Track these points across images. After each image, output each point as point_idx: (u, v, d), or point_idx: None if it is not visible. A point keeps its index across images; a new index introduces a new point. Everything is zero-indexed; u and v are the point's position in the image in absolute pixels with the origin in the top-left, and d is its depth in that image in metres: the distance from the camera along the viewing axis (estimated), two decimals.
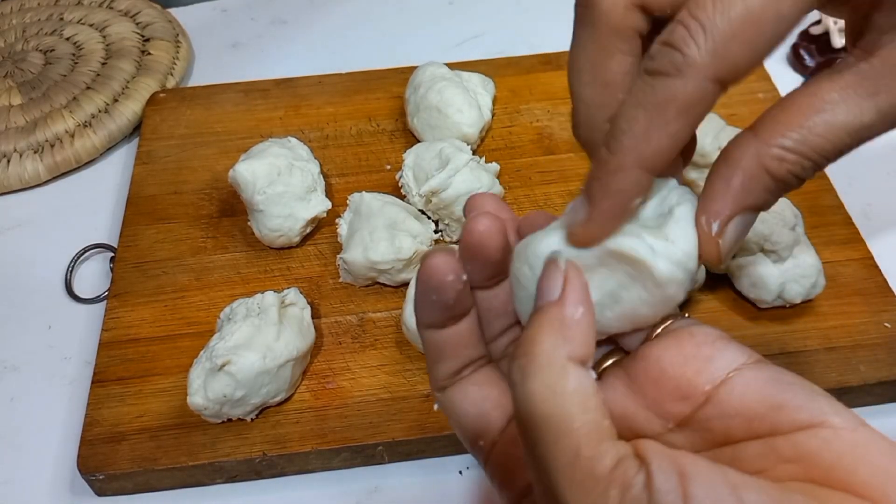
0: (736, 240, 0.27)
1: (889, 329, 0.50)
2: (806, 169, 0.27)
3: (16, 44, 0.73)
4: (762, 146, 0.26)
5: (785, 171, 0.26)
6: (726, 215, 0.27)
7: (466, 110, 0.58)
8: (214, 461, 0.45)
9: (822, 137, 0.26)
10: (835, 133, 0.26)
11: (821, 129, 0.26)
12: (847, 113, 0.26)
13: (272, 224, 0.53)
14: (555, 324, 0.25)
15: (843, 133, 0.26)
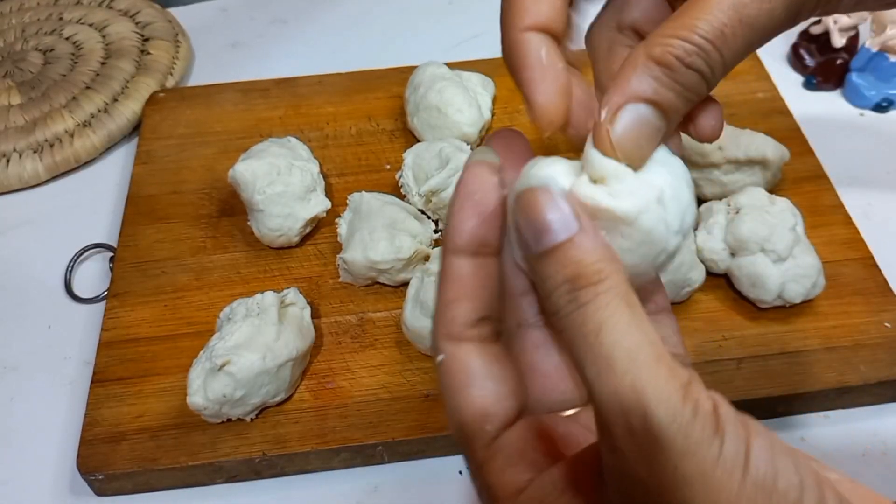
0: (630, 131, 0.27)
1: (889, 329, 0.50)
2: (689, 52, 0.26)
3: (15, 43, 0.73)
4: (649, 40, 0.27)
5: (668, 55, 0.26)
6: (615, 102, 0.27)
7: (466, 110, 0.58)
8: (214, 461, 0.45)
9: (701, 20, 0.26)
10: (713, 14, 0.26)
11: (698, 14, 0.26)
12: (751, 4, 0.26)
13: (272, 224, 0.53)
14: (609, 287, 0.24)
15: (718, 12, 0.26)
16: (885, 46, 0.64)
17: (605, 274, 0.24)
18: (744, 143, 0.54)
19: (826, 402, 0.48)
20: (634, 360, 0.22)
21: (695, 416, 0.21)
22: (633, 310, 0.23)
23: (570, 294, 0.24)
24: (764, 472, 0.21)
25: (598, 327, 0.23)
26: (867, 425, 0.48)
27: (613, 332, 0.23)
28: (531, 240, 0.25)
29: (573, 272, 0.24)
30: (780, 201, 0.51)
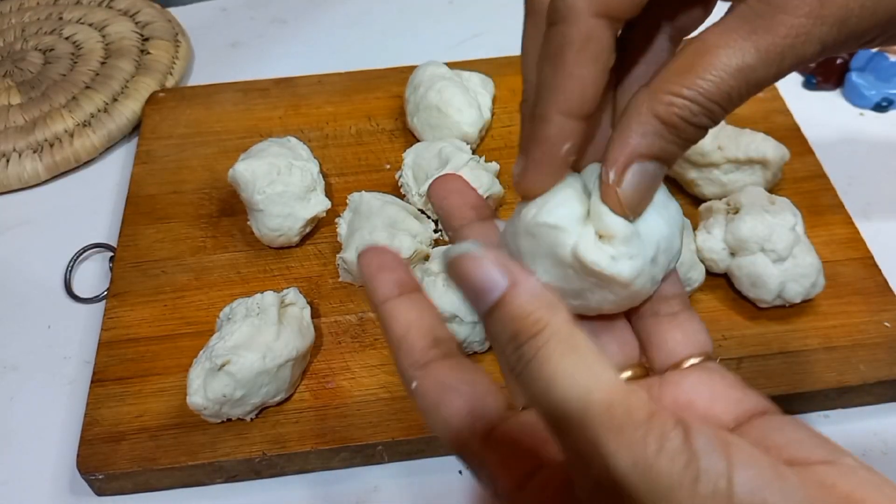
0: (636, 189, 0.28)
1: (889, 328, 0.50)
2: (696, 113, 0.27)
3: (15, 43, 0.73)
4: (652, 94, 0.27)
5: (673, 115, 0.27)
6: (621, 163, 0.28)
7: (466, 110, 0.58)
8: (214, 461, 0.45)
9: (707, 80, 0.27)
10: (718, 75, 0.27)
11: (704, 73, 0.27)
12: (729, 55, 0.27)
13: (272, 224, 0.53)
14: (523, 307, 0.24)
15: (725, 74, 0.27)
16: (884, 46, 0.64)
17: (542, 323, 0.23)
18: (744, 142, 0.54)
19: (826, 401, 0.48)
20: (587, 411, 0.22)
21: (659, 454, 0.21)
22: (577, 353, 0.23)
23: (517, 352, 0.23)
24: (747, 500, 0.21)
25: (546, 384, 0.23)
26: (867, 425, 0.48)
27: (561, 386, 0.22)
28: (474, 303, 0.25)
29: (513, 329, 0.24)
30: (779, 201, 0.51)
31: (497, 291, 0.24)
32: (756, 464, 0.21)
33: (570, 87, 0.28)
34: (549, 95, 0.28)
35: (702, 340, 0.31)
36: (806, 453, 0.24)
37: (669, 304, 0.31)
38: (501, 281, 0.24)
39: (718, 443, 0.21)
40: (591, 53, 0.27)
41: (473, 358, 0.49)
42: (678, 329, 0.31)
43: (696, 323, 0.31)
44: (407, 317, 0.29)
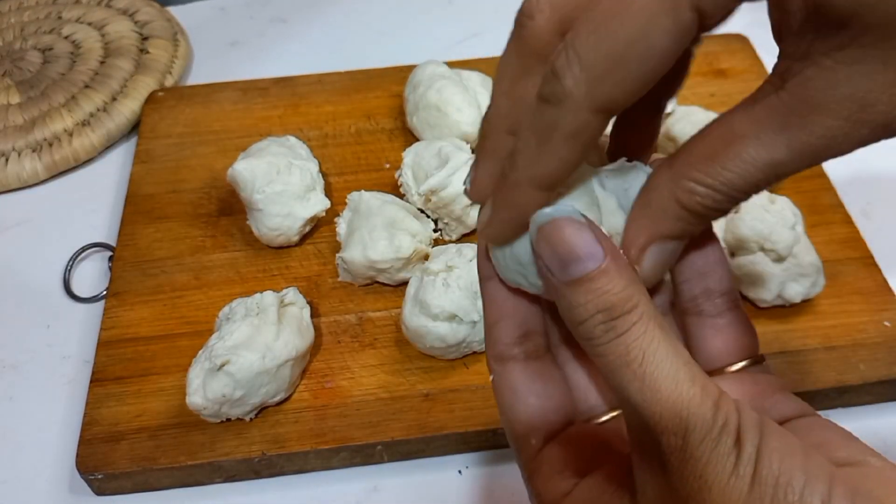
0: (655, 266, 0.28)
1: (889, 328, 0.50)
2: (718, 202, 0.26)
3: (14, 42, 0.73)
4: (675, 178, 0.27)
5: (696, 203, 0.26)
6: (641, 243, 0.28)
7: (466, 109, 0.58)
8: (213, 461, 0.45)
9: (733, 172, 0.26)
10: (745, 168, 0.26)
11: (731, 164, 0.26)
12: (758, 148, 0.25)
13: (271, 223, 0.53)
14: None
15: (752, 168, 0.26)
16: None
17: (635, 301, 0.25)
18: None
19: (826, 401, 0.48)
20: (676, 385, 0.24)
21: (722, 431, 0.23)
22: (666, 334, 0.25)
23: (606, 324, 0.25)
24: (767, 474, 0.23)
25: (640, 355, 0.24)
26: (867, 424, 0.48)
27: (654, 360, 0.24)
28: (557, 269, 0.25)
29: (606, 302, 0.25)
30: (779, 200, 0.51)
31: (595, 262, 0.25)
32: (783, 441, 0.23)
33: (551, 166, 0.27)
34: (527, 167, 0.27)
35: (747, 344, 0.31)
36: (834, 454, 0.25)
37: (715, 304, 0.31)
38: (599, 252, 0.25)
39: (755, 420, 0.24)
40: (581, 141, 0.26)
41: (473, 358, 0.49)
42: (721, 331, 0.31)
43: (741, 325, 0.31)
44: (502, 304, 0.30)
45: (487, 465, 0.47)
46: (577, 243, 0.25)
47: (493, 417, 0.46)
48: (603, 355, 0.25)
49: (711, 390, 0.24)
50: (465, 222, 0.54)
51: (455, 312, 0.46)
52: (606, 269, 0.25)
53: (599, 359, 0.25)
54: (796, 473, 0.23)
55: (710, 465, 0.23)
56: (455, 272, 0.47)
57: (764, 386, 0.28)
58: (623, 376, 0.24)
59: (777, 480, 0.22)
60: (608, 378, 0.25)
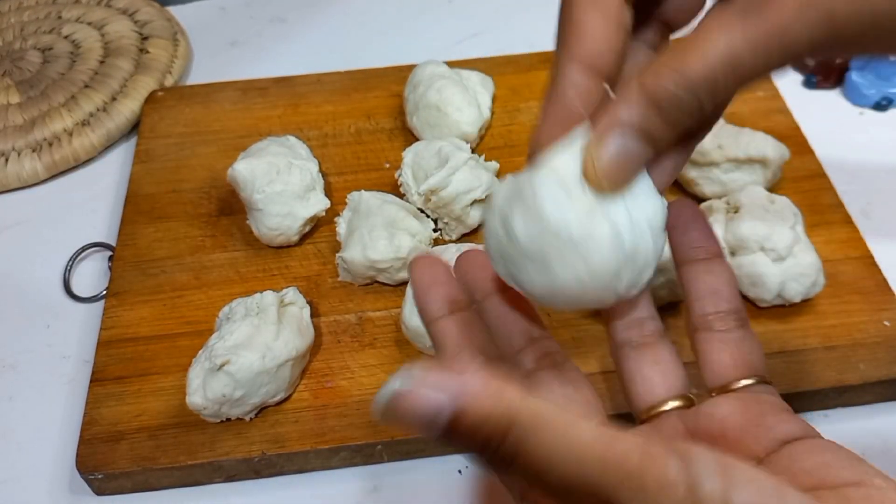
0: (613, 159, 0.28)
1: (888, 328, 0.50)
2: (680, 96, 0.27)
3: (14, 42, 0.73)
4: (644, 71, 0.28)
5: (658, 91, 0.27)
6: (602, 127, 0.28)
7: (466, 109, 0.58)
8: (213, 460, 0.45)
9: (694, 63, 0.27)
10: (705, 59, 0.27)
11: (691, 55, 0.27)
12: (718, 41, 0.27)
13: (271, 223, 0.53)
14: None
15: (713, 59, 0.26)
16: None
17: (506, 418, 0.22)
18: (743, 141, 0.54)
19: (826, 400, 0.48)
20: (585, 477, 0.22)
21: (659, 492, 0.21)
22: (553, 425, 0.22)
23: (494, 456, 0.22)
24: None
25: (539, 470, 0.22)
26: (867, 424, 0.48)
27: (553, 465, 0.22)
28: (429, 435, 0.23)
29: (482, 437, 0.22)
30: (779, 200, 0.51)
31: (445, 411, 0.22)
32: (755, 482, 0.21)
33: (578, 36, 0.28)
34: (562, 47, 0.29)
35: (753, 362, 0.31)
36: (835, 476, 0.24)
37: (725, 321, 0.31)
38: (443, 399, 0.22)
39: (717, 466, 0.21)
40: (600, 6, 0.28)
41: None
42: (729, 347, 0.31)
43: (748, 343, 0.31)
44: (458, 338, 0.30)
45: None
46: (417, 409, 0.22)
47: None
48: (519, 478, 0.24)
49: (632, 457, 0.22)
50: (464, 222, 0.54)
51: None
52: (460, 411, 0.22)
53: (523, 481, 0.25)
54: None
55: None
56: None
57: (767, 405, 0.28)
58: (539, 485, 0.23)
59: None
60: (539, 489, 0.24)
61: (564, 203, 0.28)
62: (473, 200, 0.53)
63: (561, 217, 0.28)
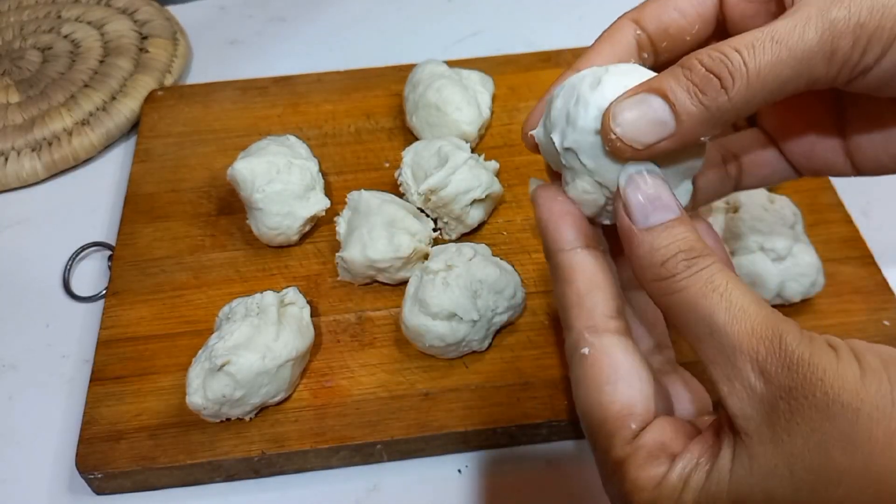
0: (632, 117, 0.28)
1: (888, 327, 0.50)
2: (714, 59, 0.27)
3: (13, 41, 0.73)
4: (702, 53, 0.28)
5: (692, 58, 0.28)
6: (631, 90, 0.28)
7: (465, 108, 0.58)
8: (213, 460, 0.45)
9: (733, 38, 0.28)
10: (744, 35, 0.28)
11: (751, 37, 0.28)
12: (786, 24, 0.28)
13: (271, 222, 0.53)
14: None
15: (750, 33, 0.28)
16: None
17: (709, 250, 0.28)
18: None
19: None
20: (762, 307, 0.26)
21: (812, 338, 0.26)
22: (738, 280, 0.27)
23: (689, 261, 0.27)
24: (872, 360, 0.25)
25: (724, 283, 0.27)
26: None
27: (738, 289, 0.27)
28: (640, 215, 0.28)
29: (687, 244, 0.27)
30: (779, 200, 0.51)
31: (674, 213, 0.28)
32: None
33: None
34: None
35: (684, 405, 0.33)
36: None
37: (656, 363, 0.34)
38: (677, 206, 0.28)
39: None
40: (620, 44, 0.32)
41: (472, 357, 0.49)
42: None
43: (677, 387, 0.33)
44: (594, 274, 0.30)
45: (487, 464, 0.47)
46: (663, 195, 0.28)
47: (492, 416, 0.46)
48: (684, 289, 0.27)
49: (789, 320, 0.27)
50: (464, 221, 0.54)
51: (454, 311, 0.46)
52: (683, 219, 0.28)
53: (680, 294, 0.27)
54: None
55: (814, 357, 0.25)
56: (455, 271, 0.47)
57: None
58: (709, 303, 0.26)
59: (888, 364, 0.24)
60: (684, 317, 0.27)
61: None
62: (473, 200, 0.53)
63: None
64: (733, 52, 0.27)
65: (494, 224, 0.56)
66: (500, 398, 0.47)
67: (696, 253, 0.27)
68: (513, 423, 0.46)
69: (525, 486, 0.46)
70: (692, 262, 0.27)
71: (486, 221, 0.56)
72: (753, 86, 0.27)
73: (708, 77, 0.27)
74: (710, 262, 0.27)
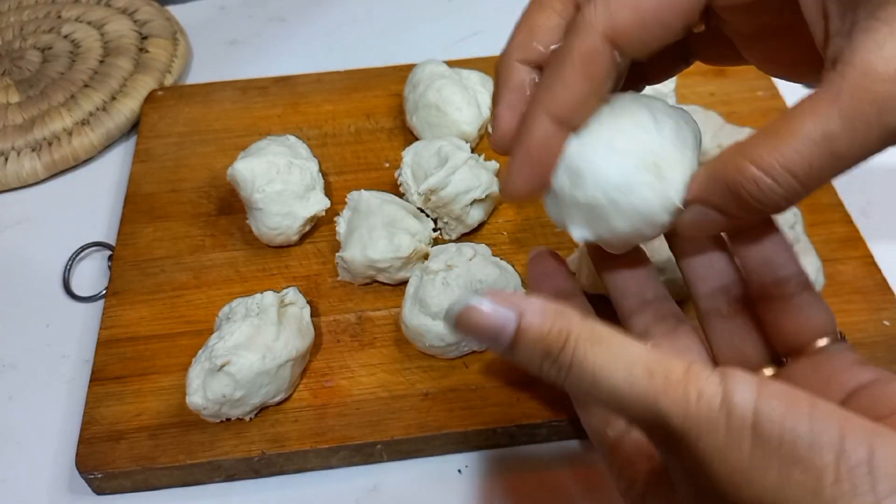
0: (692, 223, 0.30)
1: (888, 327, 0.50)
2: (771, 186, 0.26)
3: (13, 41, 0.73)
4: (737, 152, 0.28)
5: (743, 180, 0.27)
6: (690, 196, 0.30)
7: (465, 108, 0.58)
8: (213, 460, 0.45)
9: (790, 147, 0.26)
10: (801, 142, 0.26)
11: (788, 139, 0.26)
12: (813, 122, 0.25)
13: (271, 222, 0.53)
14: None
15: (809, 142, 0.25)
16: None
17: (565, 333, 0.25)
18: None
19: None
20: (633, 385, 0.24)
21: (699, 402, 0.23)
22: (607, 342, 0.25)
23: (555, 367, 0.25)
24: (770, 431, 0.22)
25: (591, 379, 0.25)
26: None
27: (605, 375, 0.24)
28: (492, 346, 0.26)
29: (542, 350, 0.25)
30: None
31: (511, 325, 0.25)
32: (785, 396, 0.22)
33: (562, 94, 0.29)
34: (541, 97, 0.30)
35: (822, 323, 0.31)
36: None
37: (785, 288, 0.31)
38: (510, 315, 0.25)
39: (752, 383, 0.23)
40: (590, 70, 0.28)
41: (472, 357, 0.49)
42: (794, 313, 0.31)
43: (814, 305, 0.31)
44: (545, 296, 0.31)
45: (487, 464, 0.47)
46: (486, 321, 0.26)
47: (492, 416, 0.46)
48: (572, 389, 0.26)
49: (674, 370, 0.24)
50: (464, 221, 0.54)
51: None
52: (525, 323, 0.25)
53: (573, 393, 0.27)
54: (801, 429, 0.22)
55: (701, 439, 0.23)
56: (455, 271, 0.47)
57: (840, 362, 0.29)
58: (594, 400, 0.25)
59: (781, 439, 0.22)
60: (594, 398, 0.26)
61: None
62: (473, 200, 0.53)
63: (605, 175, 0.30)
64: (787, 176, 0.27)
65: (494, 224, 0.56)
66: (500, 398, 0.47)
67: (554, 352, 0.25)
68: (513, 423, 0.46)
69: (525, 486, 0.46)
70: (557, 366, 0.25)
71: (486, 221, 0.56)
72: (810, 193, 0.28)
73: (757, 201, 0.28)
74: (570, 352, 0.25)
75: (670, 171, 0.30)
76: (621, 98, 0.32)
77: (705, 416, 0.23)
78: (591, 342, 0.25)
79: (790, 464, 0.21)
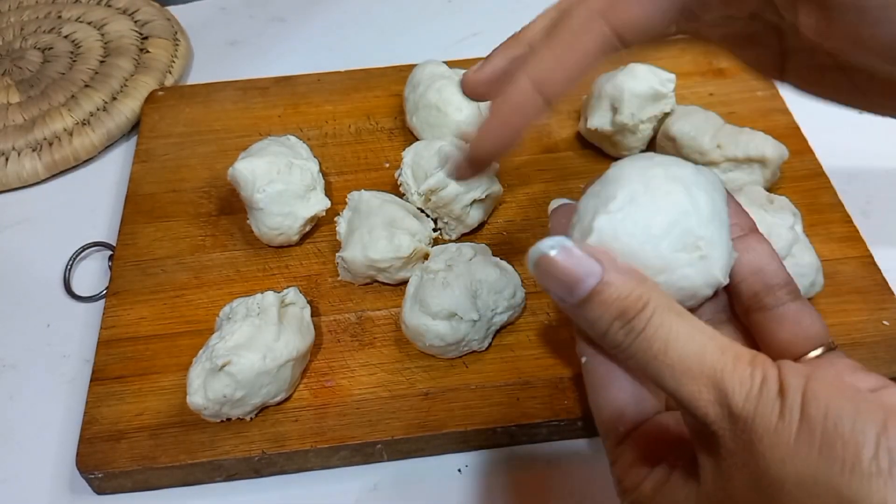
0: None
1: (888, 327, 0.50)
2: None
3: (14, 42, 0.73)
4: None
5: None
6: None
7: (465, 108, 0.58)
8: (213, 459, 0.45)
9: None
10: None
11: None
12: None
13: (271, 222, 0.53)
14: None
15: None
16: None
17: (645, 299, 0.26)
18: (743, 141, 0.54)
19: None
20: (704, 359, 0.25)
21: (762, 386, 0.24)
22: (683, 317, 0.26)
23: (625, 328, 0.26)
24: (815, 413, 0.23)
25: (664, 346, 0.25)
26: None
27: (678, 345, 0.25)
28: (565, 295, 0.27)
29: (618, 309, 0.26)
30: (778, 200, 0.51)
31: (594, 278, 0.26)
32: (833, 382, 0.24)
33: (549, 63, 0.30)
34: (530, 64, 0.31)
35: (815, 333, 0.31)
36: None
37: (776, 297, 0.32)
38: (595, 267, 0.26)
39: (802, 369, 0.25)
40: (581, 43, 0.29)
41: (472, 357, 0.49)
42: (787, 322, 0.31)
43: (806, 314, 0.32)
44: None
45: (487, 463, 0.47)
46: (573, 267, 0.26)
47: (492, 416, 0.46)
48: (632, 356, 0.26)
49: (743, 354, 0.25)
50: (464, 221, 0.54)
51: (454, 311, 0.46)
52: (608, 279, 0.26)
53: (630, 361, 0.27)
54: (846, 409, 0.23)
55: (756, 419, 0.24)
56: (455, 271, 0.47)
57: (840, 368, 0.29)
58: (655, 369, 0.26)
59: (826, 416, 0.23)
60: (647, 376, 0.26)
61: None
62: (473, 200, 0.53)
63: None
64: None
65: (494, 224, 0.56)
66: (500, 398, 0.47)
67: (629, 315, 0.26)
68: (513, 423, 0.46)
69: (525, 486, 0.46)
70: (629, 328, 0.26)
71: (486, 221, 0.56)
72: None
73: None
74: (645, 321, 0.26)
75: (711, 250, 0.29)
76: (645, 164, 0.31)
77: (765, 398, 0.24)
78: (670, 312, 0.26)
79: (832, 439, 0.23)
